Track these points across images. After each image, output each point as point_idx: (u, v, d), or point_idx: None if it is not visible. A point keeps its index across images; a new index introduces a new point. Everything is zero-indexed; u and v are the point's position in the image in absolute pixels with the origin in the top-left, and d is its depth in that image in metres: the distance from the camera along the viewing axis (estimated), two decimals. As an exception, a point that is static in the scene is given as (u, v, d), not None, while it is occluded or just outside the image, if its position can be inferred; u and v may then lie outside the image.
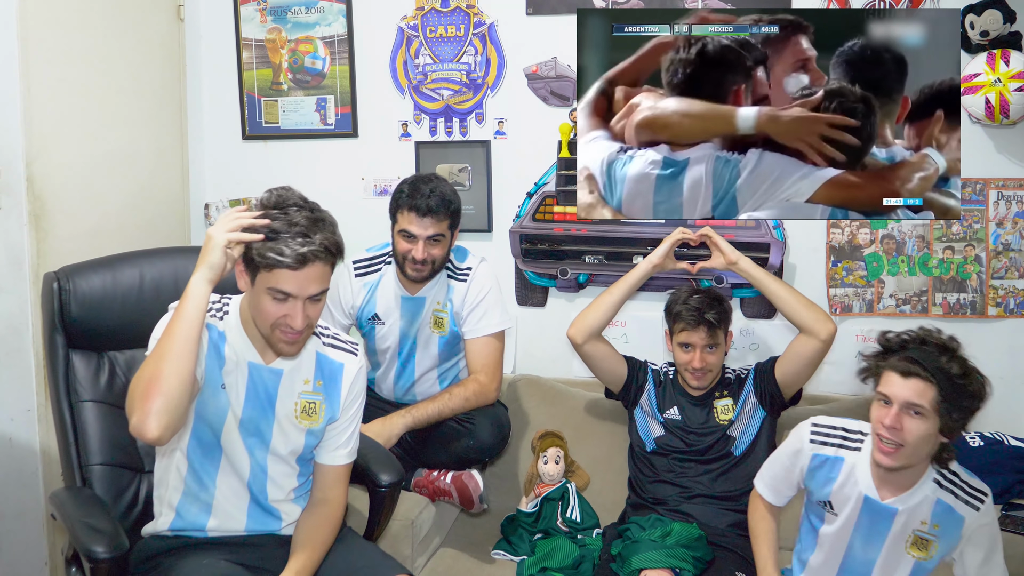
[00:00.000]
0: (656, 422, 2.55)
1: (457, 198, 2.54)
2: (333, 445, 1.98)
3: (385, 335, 2.65)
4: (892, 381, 1.84)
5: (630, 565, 2.17)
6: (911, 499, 1.93)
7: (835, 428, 2.04)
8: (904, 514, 1.93)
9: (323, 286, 1.78)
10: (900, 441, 1.82)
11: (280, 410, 1.89)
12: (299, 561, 1.86)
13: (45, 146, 2.53)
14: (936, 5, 2.71)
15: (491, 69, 3.02)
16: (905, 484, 1.93)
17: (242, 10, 3.18)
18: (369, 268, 2.67)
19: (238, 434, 1.87)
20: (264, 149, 3.24)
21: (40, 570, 2.60)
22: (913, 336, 1.89)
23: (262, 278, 1.74)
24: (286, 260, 1.70)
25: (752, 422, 2.50)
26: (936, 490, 1.93)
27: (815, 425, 2.05)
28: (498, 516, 2.67)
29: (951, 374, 1.81)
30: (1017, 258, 2.75)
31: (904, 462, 1.86)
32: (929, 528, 1.93)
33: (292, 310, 1.74)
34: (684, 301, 2.47)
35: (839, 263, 2.86)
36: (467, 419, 2.56)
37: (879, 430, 1.85)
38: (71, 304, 2.07)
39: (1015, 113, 2.56)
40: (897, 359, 1.85)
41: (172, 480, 1.90)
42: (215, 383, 1.84)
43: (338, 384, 1.95)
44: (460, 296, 2.59)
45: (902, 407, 1.82)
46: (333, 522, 1.96)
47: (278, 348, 1.82)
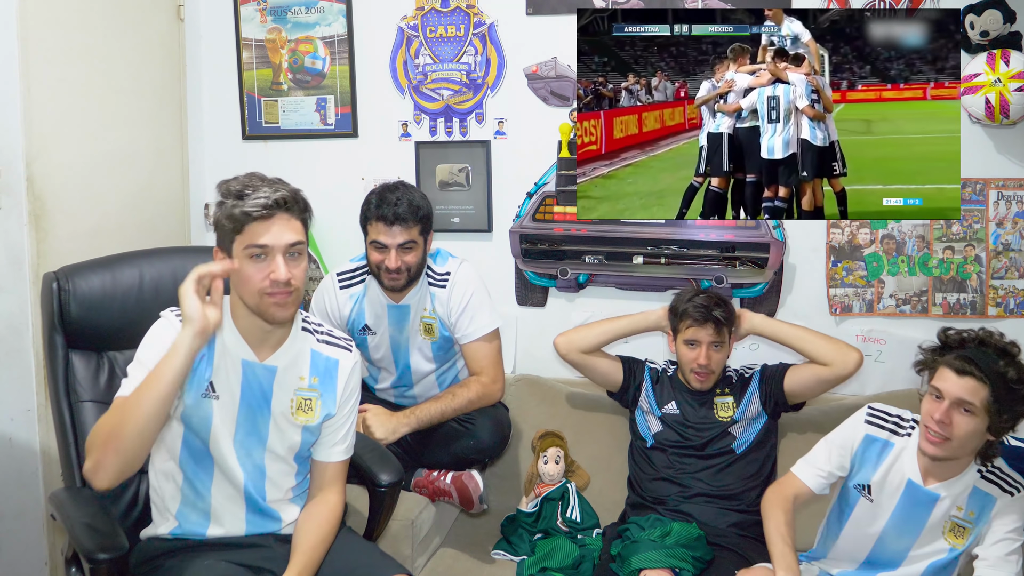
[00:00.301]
0: (655, 418, 2.55)
1: (427, 203, 2.52)
2: (330, 442, 1.98)
3: (377, 345, 2.65)
4: (946, 377, 1.89)
5: (630, 565, 2.17)
6: (953, 487, 1.97)
7: (890, 414, 2.08)
8: (946, 500, 1.98)
9: (298, 237, 1.79)
10: (947, 435, 1.87)
11: (276, 407, 1.89)
12: (300, 562, 1.86)
13: (45, 146, 2.53)
14: (936, 5, 2.71)
15: (491, 69, 3.02)
16: (949, 473, 1.97)
17: (242, 10, 3.18)
18: (353, 280, 2.65)
19: (228, 440, 1.87)
20: (264, 149, 3.24)
21: (40, 570, 2.60)
22: (973, 336, 1.94)
23: (238, 242, 1.77)
24: (253, 209, 1.74)
25: (755, 424, 2.50)
26: (977, 479, 1.97)
27: (871, 408, 2.10)
28: (498, 516, 2.67)
29: (1007, 377, 1.85)
30: (1017, 258, 2.75)
31: (949, 454, 1.91)
32: (964, 515, 1.98)
33: (273, 265, 1.76)
34: (690, 300, 2.48)
35: (839, 263, 2.85)
36: (467, 419, 2.56)
37: (928, 423, 1.90)
38: (70, 304, 2.08)
39: (1015, 113, 2.56)
40: (954, 356, 1.89)
41: (169, 489, 1.90)
42: (199, 390, 1.83)
43: (334, 380, 1.95)
44: (443, 303, 2.57)
45: (953, 403, 1.86)
46: (332, 520, 1.96)
47: (269, 314, 1.81)
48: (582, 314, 3.02)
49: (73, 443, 2.06)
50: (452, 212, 3.08)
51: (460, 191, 3.08)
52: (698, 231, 2.88)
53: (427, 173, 3.09)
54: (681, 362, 2.53)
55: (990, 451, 1.95)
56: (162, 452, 1.89)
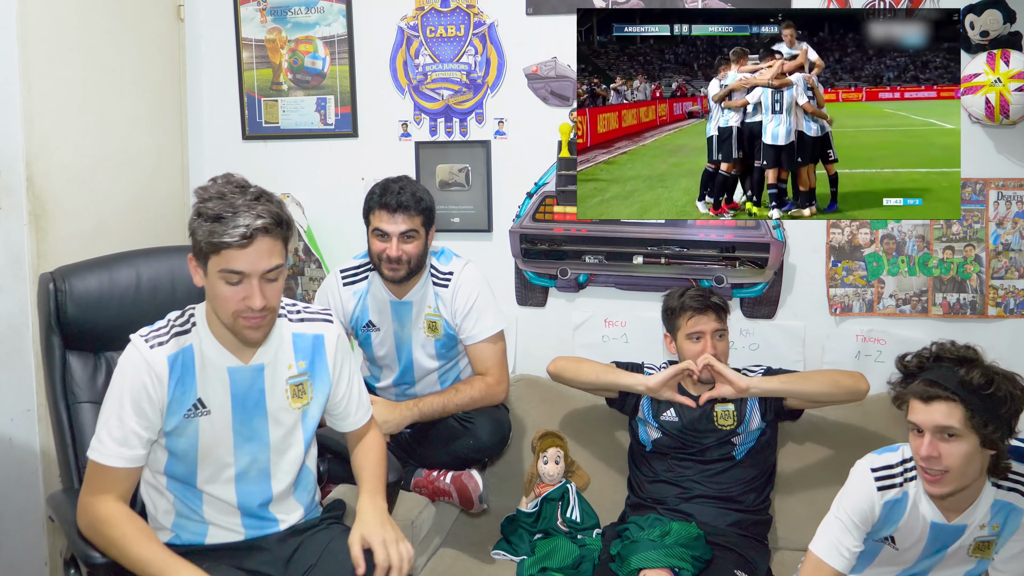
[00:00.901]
0: (653, 426, 2.54)
1: (429, 197, 2.53)
2: (346, 413, 2.02)
3: (382, 341, 2.65)
4: (916, 409, 1.77)
5: (629, 565, 2.17)
6: (976, 513, 1.86)
7: (893, 465, 1.90)
8: (971, 528, 1.87)
9: (275, 262, 1.75)
10: (942, 468, 1.74)
11: (271, 404, 1.88)
12: (370, 483, 1.97)
13: (45, 146, 2.53)
14: (936, 5, 2.71)
15: (491, 69, 3.02)
16: (966, 503, 1.85)
17: (242, 10, 3.18)
18: (356, 276, 2.66)
19: (225, 450, 1.86)
20: (264, 149, 3.24)
21: (40, 571, 2.60)
22: (928, 354, 1.82)
23: (213, 263, 1.73)
24: (231, 239, 1.69)
25: (755, 432, 2.48)
26: (996, 493, 1.86)
27: (874, 469, 1.90)
28: (498, 516, 2.67)
29: (974, 385, 1.72)
30: (1017, 258, 2.74)
31: (955, 485, 1.78)
32: (989, 530, 1.87)
33: (248, 291, 1.73)
34: (683, 295, 2.49)
35: (839, 263, 2.85)
36: (467, 419, 2.56)
37: (919, 461, 1.78)
38: (67, 305, 2.07)
39: (1015, 113, 2.56)
40: (918, 384, 1.77)
41: (162, 505, 1.90)
42: (180, 413, 1.81)
43: (323, 355, 1.95)
44: (447, 303, 2.57)
45: (933, 433, 1.74)
46: (381, 444, 2.09)
47: (243, 336, 1.79)
48: (582, 314, 3.02)
49: (71, 444, 2.05)
50: (452, 212, 3.08)
51: (460, 191, 3.08)
52: (698, 231, 2.88)
53: (427, 173, 3.09)
54: (685, 358, 2.51)
55: (1000, 464, 1.81)
56: (152, 471, 1.88)
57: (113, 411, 1.77)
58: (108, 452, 1.76)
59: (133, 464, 1.78)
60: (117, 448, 1.76)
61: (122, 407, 1.76)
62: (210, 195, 1.74)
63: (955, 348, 1.80)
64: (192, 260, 1.79)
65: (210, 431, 1.83)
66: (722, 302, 2.49)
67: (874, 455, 1.94)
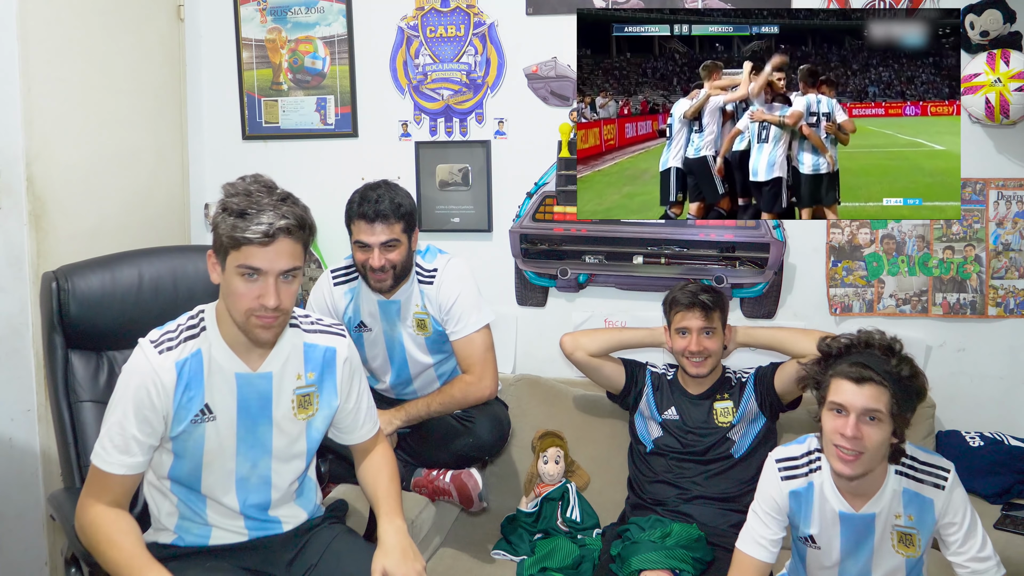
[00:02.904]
0: (655, 423, 2.55)
1: (409, 201, 2.50)
2: (352, 427, 2.02)
3: (374, 341, 2.65)
4: (844, 389, 1.79)
5: (630, 566, 2.17)
6: (882, 500, 1.89)
7: (797, 456, 1.97)
8: (882, 515, 1.90)
9: (294, 263, 1.74)
10: (860, 450, 1.77)
11: (276, 412, 1.87)
12: (387, 503, 1.96)
13: (45, 146, 2.53)
14: (936, 5, 2.71)
15: (491, 69, 3.02)
16: (871, 489, 1.89)
17: (242, 10, 3.18)
18: (347, 276, 2.65)
19: (228, 456, 1.85)
20: (264, 149, 3.24)
21: (40, 570, 2.60)
22: (856, 340, 1.84)
23: (232, 259, 1.72)
24: (253, 236, 1.68)
25: (753, 427, 2.49)
26: (900, 480, 1.89)
27: (778, 460, 1.98)
28: (498, 516, 2.67)
29: (902, 376, 1.78)
30: (1017, 258, 2.75)
31: (865, 469, 1.82)
32: (905, 520, 1.89)
33: (264, 289, 1.71)
34: (680, 290, 2.50)
35: (839, 263, 2.85)
36: (467, 417, 2.56)
37: (837, 441, 1.79)
38: (70, 304, 2.07)
39: (1015, 113, 2.56)
40: (847, 365, 1.79)
41: (165, 507, 1.89)
42: (187, 419, 1.80)
43: (333, 369, 1.94)
44: (432, 300, 2.56)
45: (859, 415, 1.77)
46: (391, 460, 2.07)
47: (253, 335, 1.77)
48: (582, 314, 3.02)
49: (73, 443, 2.05)
50: (452, 212, 3.08)
51: (460, 191, 3.08)
52: (698, 231, 2.88)
53: (427, 173, 3.09)
54: (675, 353, 2.53)
55: (896, 452, 1.86)
56: (155, 473, 1.87)
57: (116, 417, 1.77)
58: (109, 459, 1.76)
59: (132, 471, 1.78)
60: (118, 456, 1.76)
61: (124, 414, 1.76)
62: (237, 191, 1.73)
63: (884, 337, 1.84)
64: (211, 256, 1.78)
65: (215, 437, 1.83)
66: (712, 301, 2.47)
67: (781, 447, 2.03)
